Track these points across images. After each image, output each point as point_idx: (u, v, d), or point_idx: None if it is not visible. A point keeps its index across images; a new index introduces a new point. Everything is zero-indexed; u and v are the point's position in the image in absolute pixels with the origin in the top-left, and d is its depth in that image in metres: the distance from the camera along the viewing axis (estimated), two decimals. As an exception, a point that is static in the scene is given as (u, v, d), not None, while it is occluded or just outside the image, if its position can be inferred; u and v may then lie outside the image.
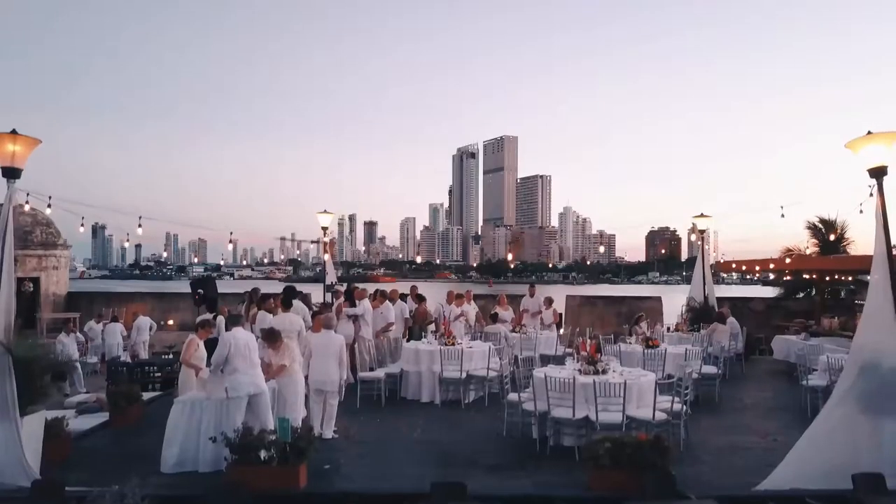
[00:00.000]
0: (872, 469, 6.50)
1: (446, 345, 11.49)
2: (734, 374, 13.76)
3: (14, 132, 6.97)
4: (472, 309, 15.27)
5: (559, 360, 13.82)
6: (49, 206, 13.48)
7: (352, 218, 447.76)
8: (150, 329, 19.33)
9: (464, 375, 10.79)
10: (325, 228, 17.06)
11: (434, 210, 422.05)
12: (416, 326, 14.00)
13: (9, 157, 6.84)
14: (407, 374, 11.27)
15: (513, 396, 8.90)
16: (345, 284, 16.06)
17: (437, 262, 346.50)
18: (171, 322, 24.96)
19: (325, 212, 16.99)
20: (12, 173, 6.90)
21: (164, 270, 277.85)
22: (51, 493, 6.07)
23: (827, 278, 20.69)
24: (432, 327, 14.20)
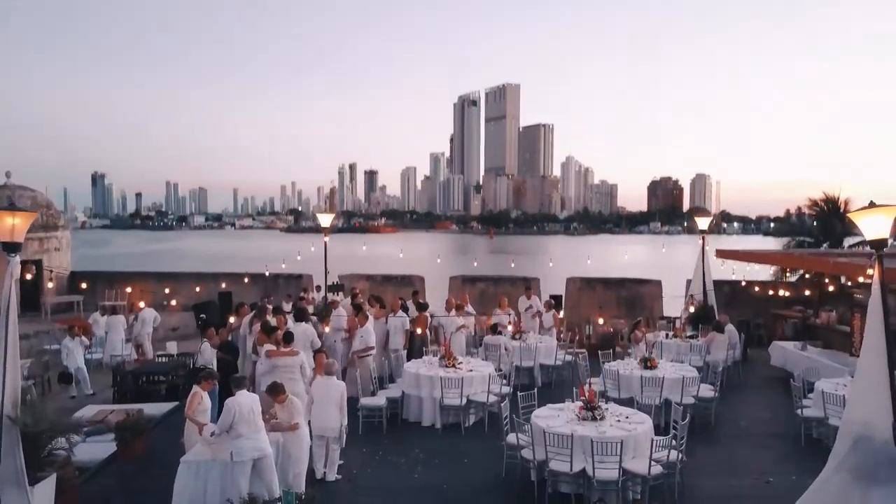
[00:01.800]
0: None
1: (447, 366, 11.65)
2: (732, 384, 13.95)
3: (12, 205, 6.94)
4: (471, 315, 15.36)
5: (559, 372, 14.04)
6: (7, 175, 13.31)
7: (352, 167, 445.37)
8: (154, 321, 19.49)
9: (464, 402, 10.97)
10: (325, 229, 17.00)
11: (435, 159, 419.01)
12: (417, 339, 14.11)
13: (8, 232, 6.83)
14: (408, 398, 11.45)
15: (511, 439, 9.07)
16: (350, 289, 16.11)
17: (438, 212, 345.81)
18: (173, 303, 25.16)
19: (325, 212, 16.92)
20: (13, 248, 6.90)
21: (165, 220, 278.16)
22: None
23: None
24: (434, 346, 14.31)
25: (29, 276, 23.42)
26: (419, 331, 14.01)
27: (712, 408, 11.43)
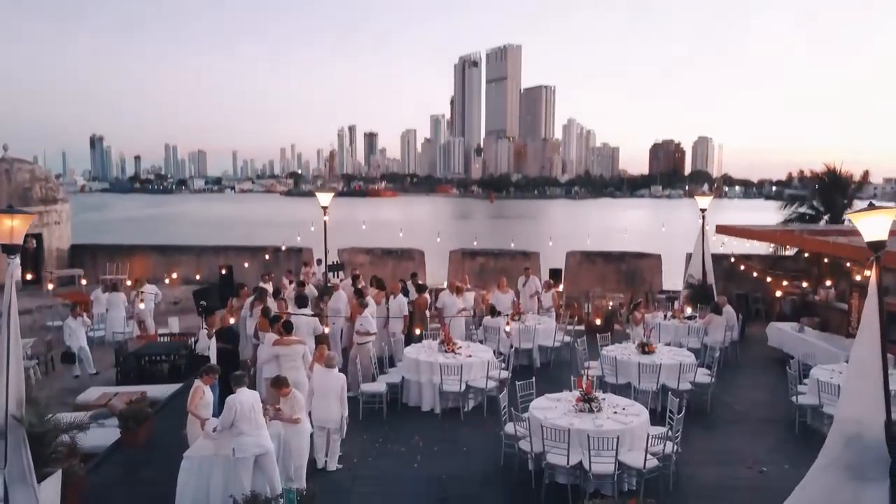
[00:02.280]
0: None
1: (446, 351, 11.76)
2: (729, 365, 14.08)
3: (10, 207, 6.94)
4: (471, 297, 15.43)
5: (557, 353, 14.17)
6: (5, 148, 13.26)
7: (352, 129, 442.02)
8: (156, 297, 19.60)
9: (463, 388, 11.09)
10: (325, 208, 16.97)
11: (436, 121, 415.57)
12: (417, 319, 14.19)
13: (7, 234, 6.84)
14: (408, 383, 11.58)
15: (510, 429, 9.21)
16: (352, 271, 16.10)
17: (439, 175, 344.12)
18: (174, 276, 25.27)
19: (325, 189, 16.87)
20: (12, 250, 6.91)
21: (165, 184, 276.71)
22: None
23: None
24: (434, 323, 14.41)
25: (28, 246, 23.48)
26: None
27: (708, 393, 11.57)
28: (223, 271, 22.95)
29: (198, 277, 24.65)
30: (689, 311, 15.68)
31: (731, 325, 14.49)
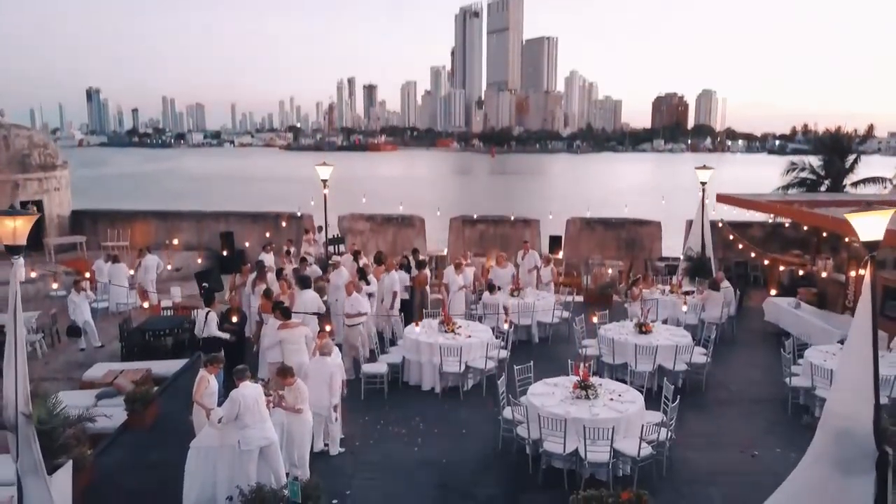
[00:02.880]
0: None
1: (446, 331, 11.93)
2: (725, 341, 14.27)
3: (12, 207, 6.99)
4: (471, 272, 15.53)
5: (556, 330, 14.36)
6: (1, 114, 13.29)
7: (351, 81, 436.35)
8: (158, 267, 19.71)
9: (462, 369, 11.29)
10: (324, 181, 16.96)
11: (436, 73, 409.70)
12: (417, 297, 14.32)
13: (10, 235, 6.89)
14: (409, 363, 11.78)
15: (507, 413, 9.42)
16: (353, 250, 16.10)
17: (439, 129, 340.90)
18: (175, 242, 25.36)
19: (324, 163, 16.85)
20: (16, 250, 6.98)
21: (163, 138, 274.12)
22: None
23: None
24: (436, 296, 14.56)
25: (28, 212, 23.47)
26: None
27: (704, 373, 11.77)
28: (224, 253, 22.99)
29: (199, 263, 24.70)
30: (686, 286, 15.79)
31: (729, 302, 14.63)
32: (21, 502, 7.14)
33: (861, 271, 13.81)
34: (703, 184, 16.91)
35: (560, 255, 24.26)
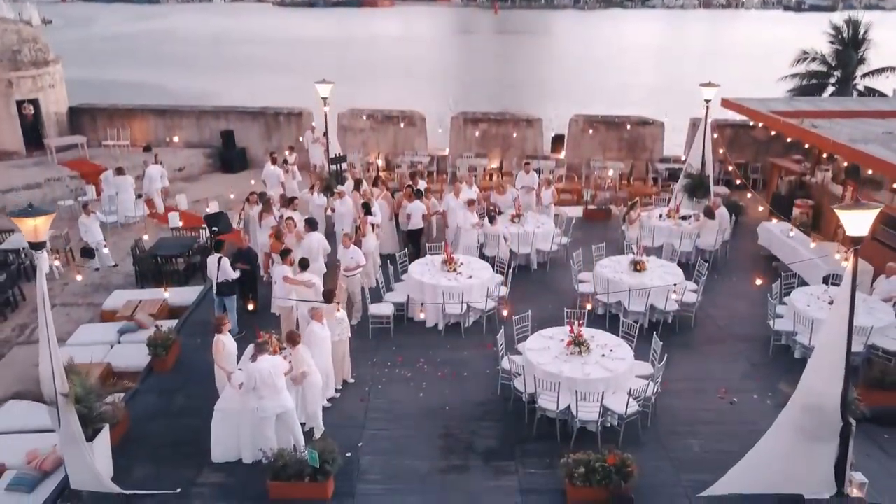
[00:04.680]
0: (799, 488, 8.02)
1: (448, 271, 12.42)
2: (718, 267, 14.79)
3: (31, 206, 7.27)
4: (472, 194, 15.76)
5: (554, 258, 14.86)
6: None
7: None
8: (162, 177, 19.91)
9: (464, 309, 11.89)
10: (324, 98, 16.74)
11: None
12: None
13: (32, 233, 7.21)
14: (413, 301, 12.36)
15: (505, 364, 10.10)
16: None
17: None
18: (175, 139, 25.31)
19: (323, 81, 16.56)
20: (38, 246, 7.32)
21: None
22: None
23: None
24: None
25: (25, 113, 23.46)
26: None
27: (693, 311, 12.38)
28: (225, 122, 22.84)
29: (201, 162, 24.61)
30: (684, 208, 16.08)
31: (724, 229, 14.98)
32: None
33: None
34: (707, 101, 16.70)
35: (562, 154, 24.30)
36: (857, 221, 7.46)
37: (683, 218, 15.47)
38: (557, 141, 24.83)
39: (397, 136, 24.22)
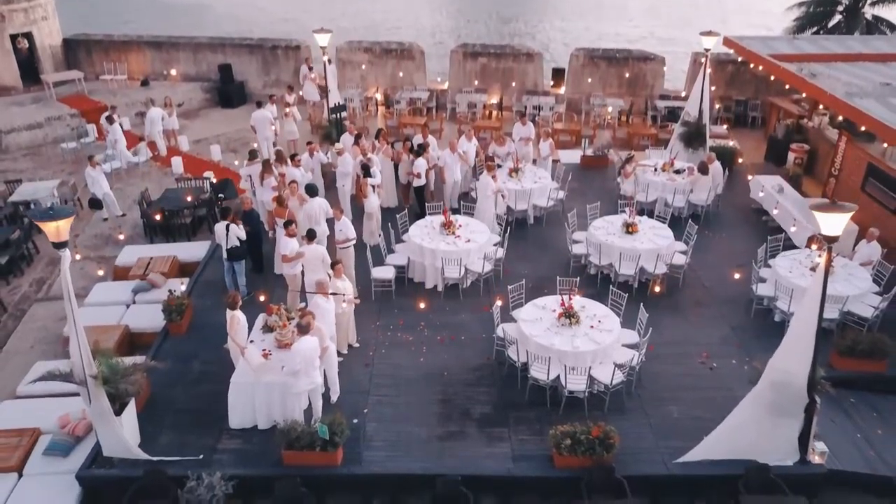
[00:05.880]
0: (766, 457, 8.84)
1: (447, 234, 12.88)
2: (709, 221, 15.26)
3: (51, 209, 7.69)
4: (472, 147, 15.96)
5: (550, 212, 15.28)
6: None
7: None
8: (162, 120, 20.05)
9: (462, 272, 12.45)
10: (323, 48, 16.65)
11: None
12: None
13: (55, 234, 7.66)
14: (413, 263, 12.89)
15: (499, 332, 10.75)
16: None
17: None
18: (173, 73, 25.18)
19: (321, 30, 16.43)
20: (61, 245, 7.78)
21: None
22: (157, 477, 8.52)
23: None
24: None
25: (20, 47, 23.27)
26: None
27: (682, 273, 12.93)
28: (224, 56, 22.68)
29: (200, 96, 24.45)
30: (679, 162, 16.33)
31: (717, 184, 15.32)
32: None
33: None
34: (707, 50, 16.63)
35: (562, 90, 24.22)
36: (833, 221, 7.89)
37: (677, 172, 15.76)
38: (558, 75, 24.68)
39: (396, 71, 24.05)
